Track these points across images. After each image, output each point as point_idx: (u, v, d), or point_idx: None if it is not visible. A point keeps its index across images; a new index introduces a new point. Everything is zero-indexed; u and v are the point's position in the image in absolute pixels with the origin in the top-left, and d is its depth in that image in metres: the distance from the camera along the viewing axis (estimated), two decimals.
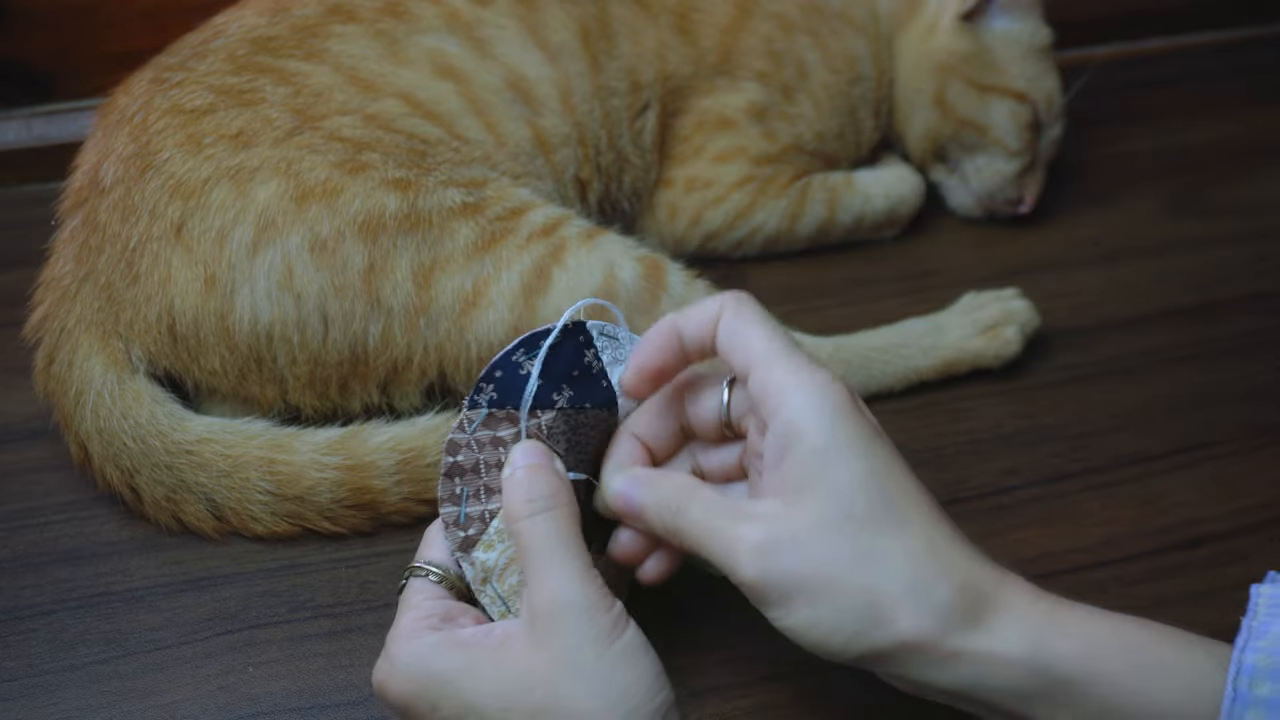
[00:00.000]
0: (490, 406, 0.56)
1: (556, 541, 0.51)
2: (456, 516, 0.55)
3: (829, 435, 0.49)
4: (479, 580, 0.54)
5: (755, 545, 0.49)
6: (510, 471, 0.54)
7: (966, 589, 0.48)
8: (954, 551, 0.49)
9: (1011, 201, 0.91)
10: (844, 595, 0.48)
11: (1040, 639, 0.47)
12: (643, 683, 0.49)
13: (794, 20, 0.86)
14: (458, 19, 0.76)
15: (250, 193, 0.68)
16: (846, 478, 0.49)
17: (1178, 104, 1.05)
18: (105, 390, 0.68)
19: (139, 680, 0.62)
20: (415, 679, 0.50)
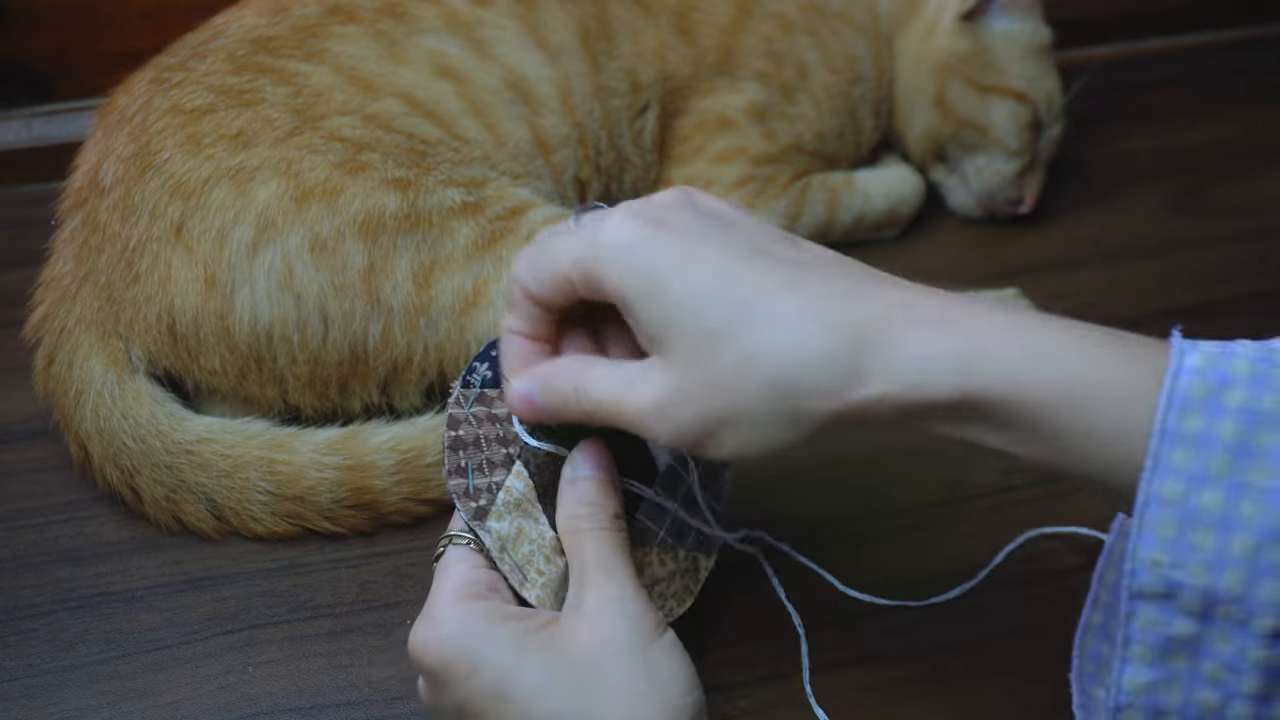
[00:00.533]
0: (483, 387, 0.56)
1: (613, 553, 0.53)
2: (465, 488, 0.55)
3: (642, 276, 0.47)
4: (497, 549, 0.54)
5: (652, 411, 0.48)
6: (576, 474, 0.54)
7: (857, 331, 0.45)
8: (833, 303, 0.46)
9: (1011, 201, 0.91)
10: (750, 409, 0.46)
11: (960, 365, 0.45)
12: (681, 678, 0.50)
13: (794, 20, 0.86)
14: (457, 19, 0.76)
15: (250, 193, 0.68)
16: (682, 303, 0.47)
17: (1178, 104, 1.05)
18: (105, 390, 0.68)
19: (139, 680, 0.62)
20: (460, 643, 0.50)
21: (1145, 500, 0.42)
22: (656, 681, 0.49)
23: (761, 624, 0.64)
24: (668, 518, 0.58)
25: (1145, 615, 0.44)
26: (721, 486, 0.61)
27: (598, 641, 0.50)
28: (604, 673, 0.49)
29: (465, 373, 0.57)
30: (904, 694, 0.61)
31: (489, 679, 0.49)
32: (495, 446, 0.56)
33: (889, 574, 0.66)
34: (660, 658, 0.50)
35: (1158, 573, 0.43)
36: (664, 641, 0.51)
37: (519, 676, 0.49)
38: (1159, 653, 0.44)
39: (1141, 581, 0.43)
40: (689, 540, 0.59)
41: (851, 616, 0.65)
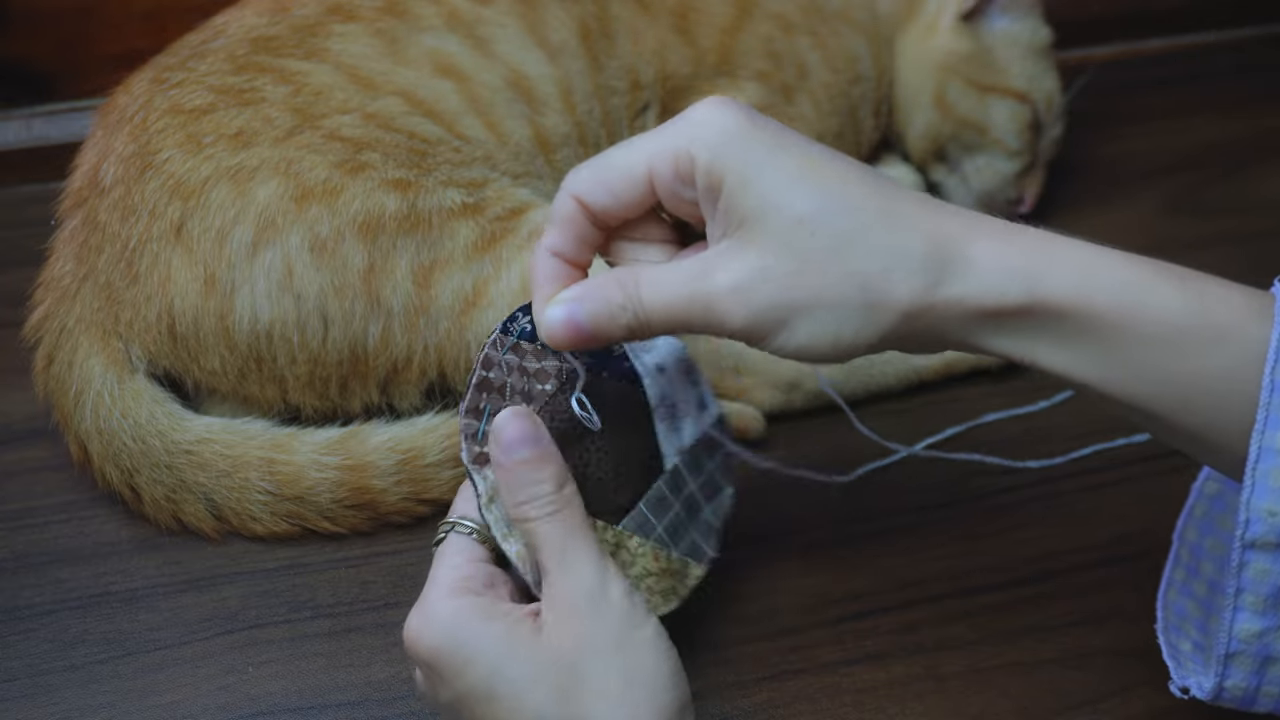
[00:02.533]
0: (520, 338, 0.55)
1: (570, 538, 0.51)
2: (475, 430, 0.54)
3: (741, 158, 0.48)
4: (487, 497, 0.54)
5: (729, 291, 0.48)
6: (507, 455, 0.52)
7: (936, 236, 0.48)
8: (911, 209, 0.48)
9: (1011, 201, 0.91)
10: (832, 296, 0.47)
11: (1027, 270, 0.47)
12: (663, 672, 0.50)
13: (794, 20, 0.86)
14: (458, 18, 0.76)
15: (250, 192, 0.68)
16: (778, 186, 0.47)
17: (1178, 104, 1.05)
18: (105, 390, 0.68)
19: (139, 680, 0.62)
20: (453, 637, 0.50)
21: (1258, 452, 0.44)
22: (635, 680, 0.49)
23: (762, 624, 0.64)
24: (667, 515, 0.58)
25: (1258, 565, 0.45)
26: (723, 502, 0.61)
27: (574, 641, 0.50)
28: (583, 674, 0.49)
29: (507, 320, 0.56)
30: (904, 694, 0.61)
31: (478, 677, 0.49)
32: (517, 399, 0.55)
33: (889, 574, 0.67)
34: (639, 655, 0.50)
35: (1272, 523, 0.44)
36: (644, 635, 0.50)
37: (506, 675, 0.49)
38: (1271, 601, 0.46)
39: (1255, 532, 0.45)
40: (683, 544, 0.59)
41: (852, 616, 0.65)
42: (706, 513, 0.60)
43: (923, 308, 0.47)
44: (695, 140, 0.49)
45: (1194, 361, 0.46)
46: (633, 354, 0.58)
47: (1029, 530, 0.69)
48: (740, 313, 0.48)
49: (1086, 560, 0.68)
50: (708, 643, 0.63)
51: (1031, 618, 0.65)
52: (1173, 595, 0.59)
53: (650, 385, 0.58)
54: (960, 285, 0.47)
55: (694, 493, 0.59)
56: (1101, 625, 0.64)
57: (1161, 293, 0.47)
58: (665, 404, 0.59)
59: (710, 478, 0.60)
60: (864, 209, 0.48)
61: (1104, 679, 0.62)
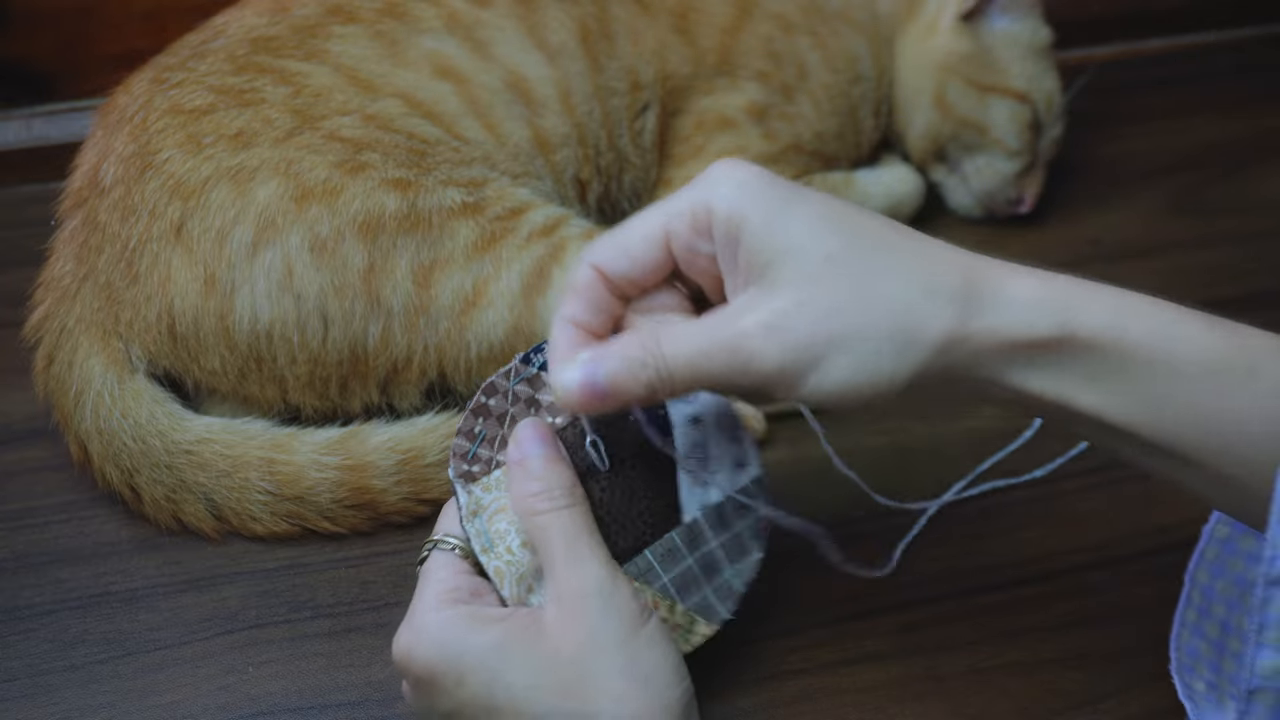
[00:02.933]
0: (541, 369, 0.55)
1: (580, 535, 0.52)
2: (467, 451, 0.55)
3: (761, 206, 0.48)
4: (470, 511, 0.54)
5: (761, 331, 0.47)
6: (521, 454, 0.53)
7: (970, 273, 0.48)
8: (942, 250, 0.49)
9: (1011, 201, 0.91)
10: (869, 328, 0.46)
11: (1060, 306, 0.47)
12: (666, 668, 0.50)
13: (794, 20, 0.86)
14: (457, 20, 0.76)
15: (250, 193, 0.68)
16: (802, 229, 0.47)
17: (1178, 104, 1.05)
18: (105, 390, 0.68)
19: (139, 680, 0.62)
20: (445, 650, 0.50)
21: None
22: (642, 676, 0.49)
23: (761, 624, 0.64)
24: (677, 567, 0.56)
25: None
26: (748, 565, 0.59)
27: (580, 638, 0.49)
28: (589, 671, 0.49)
29: (530, 350, 0.56)
30: (904, 694, 0.61)
31: (477, 687, 0.49)
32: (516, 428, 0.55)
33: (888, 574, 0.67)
34: (644, 650, 0.50)
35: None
36: (648, 632, 0.51)
37: (506, 682, 0.49)
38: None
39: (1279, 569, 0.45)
40: (693, 600, 0.57)
41: (852, 616, 0.65)
42: (728, 573, 0.58)
43: (957, 339, 0.47)
44: (712, 194, 0.49)
45: (1225, 398, 0.46)
46: (669, 403, 0.57)
47: (1029, 530, 0.69)
48: (773, 351, 0.46)
49: (1086, 560, 0.68)
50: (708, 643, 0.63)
51: (1031, 618, 0.65)
52: (1185, 636, 0.59)
53: (680, 435, 0.57)
54: (994, 317, 0.47)
55: (714, 550, 0.58)
56: (1101, 625, 0.64)
57: (1192, 330, 0.47)
58: (695, 456, 0.57)
59: (738, 538, 0.58)
60: (894, 248, 0.48)
61: (1104, 679, 0.62)
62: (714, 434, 0.58)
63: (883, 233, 0.49)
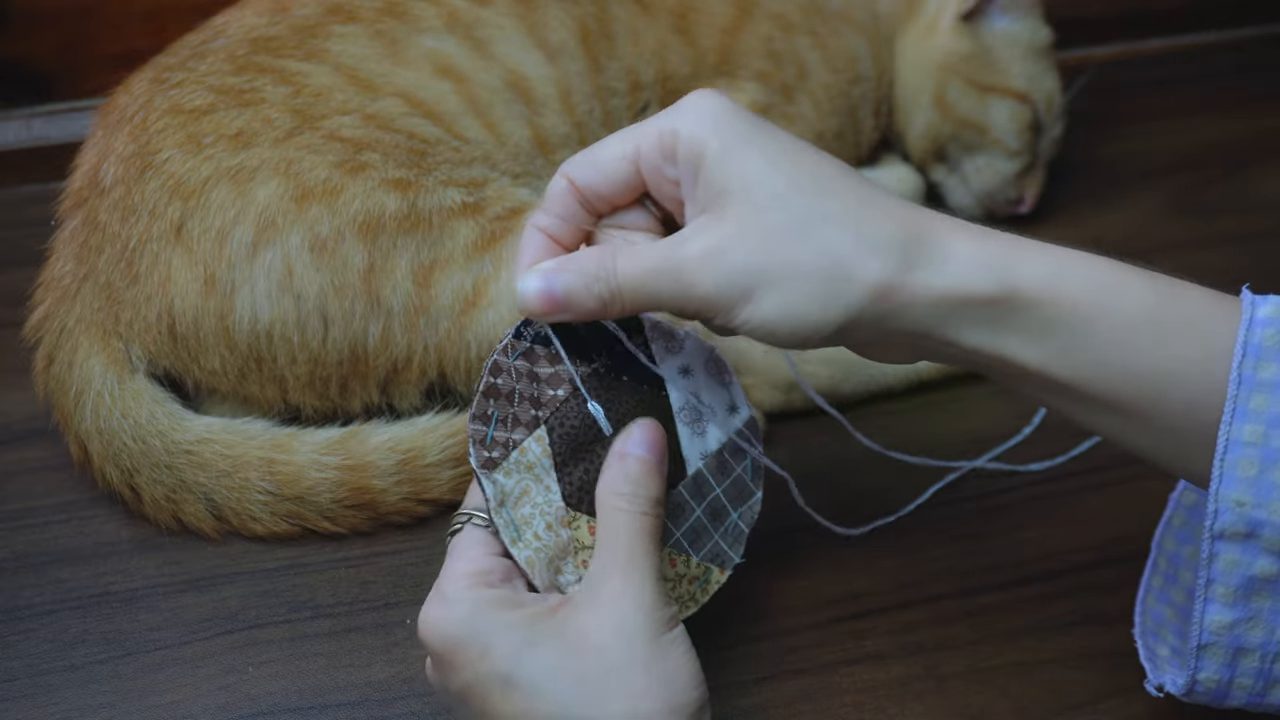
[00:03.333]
0: (534, 342, 0.55)
1: (645, 543, 0.52)
2: (483, 436, 0.54)
3: (723, 137, 0.49)
4: (496, 501, 0.54)
5: (700, 256, 0.49)
6: (627, 447, 0.54)
7: (913, 227, 0.49)
8: (888, 201, 0.50)
9: (1012, 201, 0.91)
10: (802, 267, 0.48)
11: (1001, 264, 0.48)
12: (685, 673, 0.50)
13: (794, 20, 0.86)
14: (457, 19, 0.76)
15: (250, 193, 0.68)
16: (758, 164, 0.49)
17: (1178, 104, 1.05)
18: (105, 390, 0.68)
19: (139, 680, 0.62)
20: (472, 626, 0.50)
21: (1226, 444, 0.45)
22: (661, 676, 0.49)
23: (761, 624, 0.64)
24: (687, 521, 0.57)
25: (1227, 556, 0.46)
26: (752, 508, 0.60)
27: (607, 632, 0.50)
28: (610, 664, 0.49)
29: (520, 324, 0.56)
30: (904, 694, 0.61)
31: (498, 663, 0.49)
32: (526, 405, 0.55)
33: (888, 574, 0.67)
34: (668, 652, 0.50)
35: (1240, 513, 0.45)
36: (673, 636, 0.51)
37: (529, 663, 0.49)
38: (1241, 592, 0.46)
39: (1224, 522, 0.46)
40: (705, 550, 0.58)
41: (851, 616, 0.65)
42: (734, 517, 0.59)
43: (893, 287, 0.48)
44: (680, 120, 0.50)
45: (1164, 352, 0.47)
46: (659, 357, 0.57)
47: (1029, 530, 0.69)
48: (708, 277, 0.49)
49: (1086, 560, 0.68)
50: (708, 643, 0.63)
51: (1031, 618, 0.65)
52: (1150, 601, 0.60)
53: (674, 389, 0.57)
54: (933, 271, 0.48)
55: (719, 497, 0.58)
56: (1101, 625, 0.64)
57: (1133, 287, 0.48)
58: (689, 406, 0.58)
59: (738, 481, 0.59)
60: (842, 193, 0.49)
61: (1104, 679, 0.62)
62: (704, 382, 0.59)
63: (834, 177, 0.49)
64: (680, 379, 0.58)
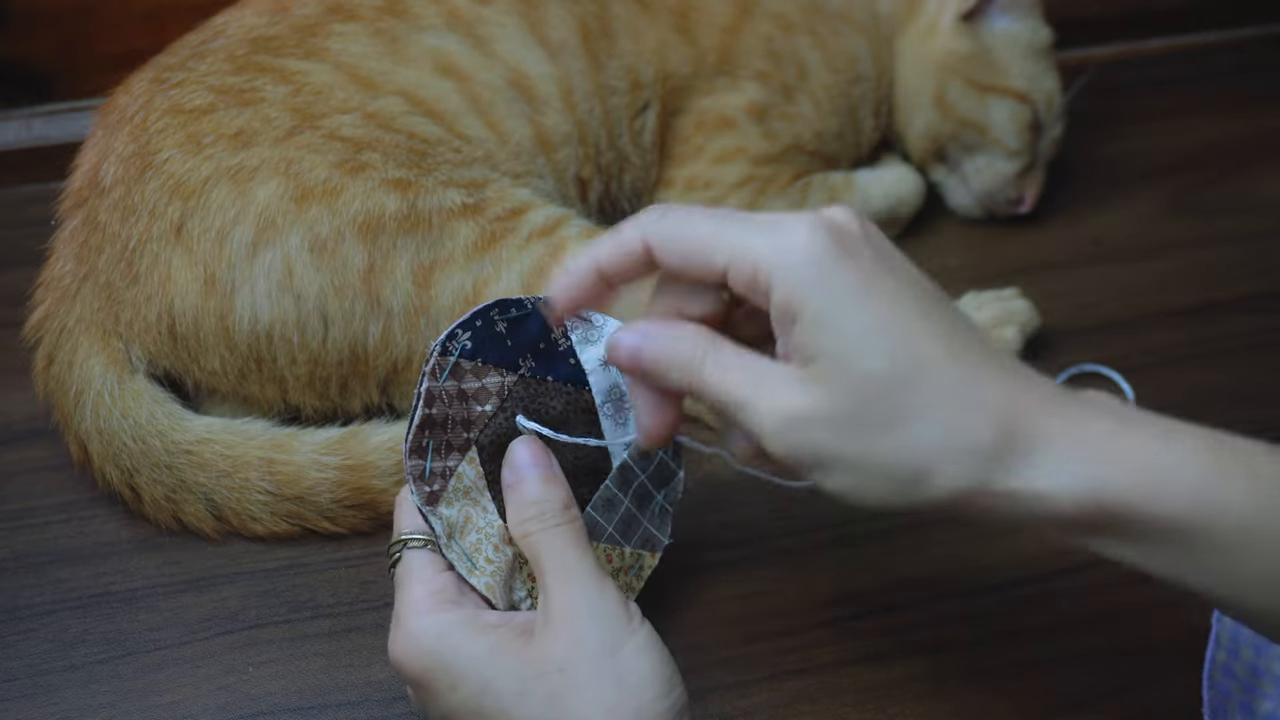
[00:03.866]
0: (461, 356, 0.55)
1: (568, 549, 0.52)
2: (422, 470, 0.55)
3: (823, 298, 0.45)
4: (445, 535, 0.54)
5: (778, 420, 0.46)
6: (517, 476, 0.54)
7: (1006, 422, 0.45)
8: (988, 384, 0.46)
9: (1011, 201, 0.91)
10: (877, 460, 0.45)
11: (1093, 472, 0.45)
12: (657, 679, 0.50)
13: (794, 20, 0.86)
14: (458, 17, 0.76)
15: (250, 193, 0.68)
16: (854, 337, 0.45)
17: (1178, 104, 1.05)
18: (105, 390, 0.68)
19: (139, 680, 0.62)
20: (439, 657, 0.50)
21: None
22: (629, 688, 0.49)
23: (761, 624, 0.64)
24: (617, 513, 0.58)
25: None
26: (675, 488, 0.61)
27: (567, 650, 0.50)
28: (576, 681, 0.49)
29: (445, 337, 0.55)
30: (904, 694, 0.61)
31: (468, 694, 0.50)
32: (458, 429, 0.55)
33: (888, 574, 0.67)
34: (632, 661, 0.50)
35: None
36: (636, 642, 0.50)
37: (493, 690, 0.49)
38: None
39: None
40: (635, 538, 0.59)
41: (851, 616, 0.65)
42: (659, 499, 0.60)
43: (973, 494, 0.45)
44: (778, 263, 0.46)
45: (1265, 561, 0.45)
46: (578, 346, 0.57)
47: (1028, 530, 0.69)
48: (779, 445, 0.46)
49: (1086, 560, 0.67)
50: (708, 643, 0.63)
51: (1031, 618, 0.65)
52: (1217, 676, 0.60)
53: (595, 380, 0.58)
54: (1018, 480, 0.45)
55: (644, 482, 0.59)
56: (1101, 625, 0.64)
57: (1232, 494, 0.45)
58: (611, 398, 0.58)
59: (660, 464, 0.60)
60: (940, 371, 0.46)
61: (1104, 679, 0.62)
62: None
63: (934, 356, 0.46)
64: (600, 370, 0.58)
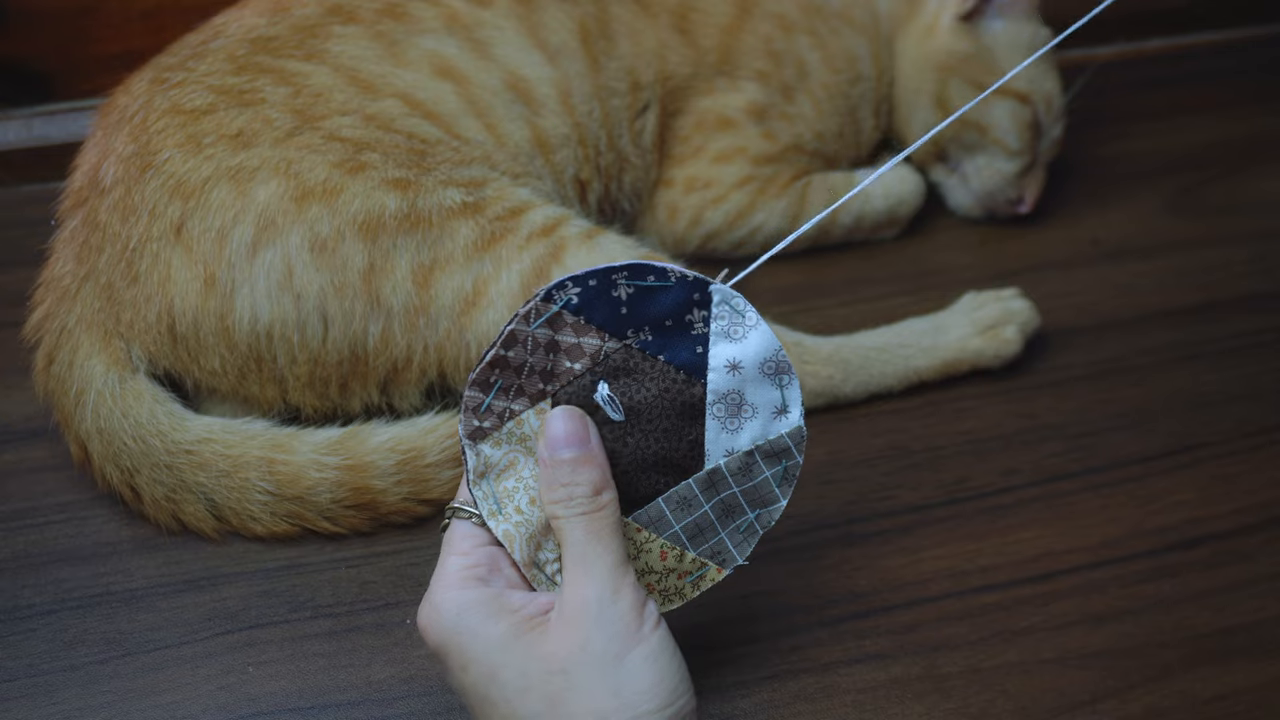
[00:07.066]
0: (564, 308, 0.53)
1: (592, 546, 0.52)
2: (479, 404, 0.53)
3: None
4: (478, 472, 0.54)
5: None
6: (550, 454, 0.53)
7: None
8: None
9: (1012, 201, 0.91)
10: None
11: None
12: (663, 687, 0.50)
13: (794, 20, 0.86)
14: (457, 20, 0.76)
15: (250, 193, 0.68)
16: None
17: (1178, 104, 1.05)
18: (106, 390, 0.68)
19: (139, 680, 0.62)
20: (455, 635, 0.51)
21: None
22: (626, 700, 0.49)
23: (761, 624, 0.64)
24: (691, 515, 0.56)
25: None
26: (772, 514, 0.57)
27: (572, 650, 0.50)
28: (576, 685, 0.49)
29: (553, 286, 0.53)
30: (904, 694, 0.61)
31: (476, 677, 0.50)
32: (535, 379, 0.54)
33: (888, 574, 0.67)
34: (636, 670, 0.50)
35: None
36: (645, 650, 0.50)
37: (500, 680, 0.50)
38: None
39: None
40: (705, 546, 0.57)
41: (851, 616, 0.65)
42: (750, 517, 0.57)
43: None
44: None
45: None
46: (714, 339, 0.55)
47: (1029, 530, 0.69)
48: None
49: (1086, 560, 0.68)
50: (708, 643, 0.63)
51: (1031, 618, 0.65)
52: None
53: (714, 379, 0.55)
54: None
55: (736, 494, 0.56)
56: (1101, 625, 0.64)
57: None
58: (727, 401, 0.55)
59: (764, 485, 0.57)
60: None
61: (1104, 679, 0.62)
62: (754, 378, 0.55)
63: None
64: (725, 372, 0.55)
